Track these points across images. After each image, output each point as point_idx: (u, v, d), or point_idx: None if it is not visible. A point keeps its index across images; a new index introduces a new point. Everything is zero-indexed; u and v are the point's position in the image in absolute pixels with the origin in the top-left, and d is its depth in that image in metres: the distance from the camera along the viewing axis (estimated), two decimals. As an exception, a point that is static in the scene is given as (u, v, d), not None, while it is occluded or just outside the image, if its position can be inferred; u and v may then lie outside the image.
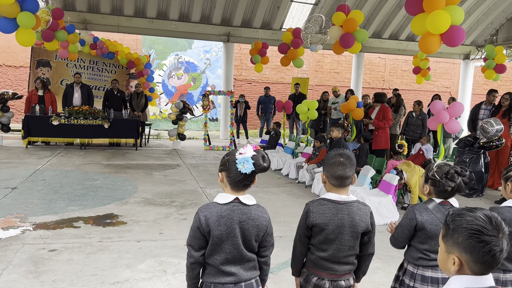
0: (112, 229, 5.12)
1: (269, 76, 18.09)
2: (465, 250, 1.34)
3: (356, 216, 2.29)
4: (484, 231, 1.32)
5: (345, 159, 2.30)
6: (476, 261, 1.33)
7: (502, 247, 1.32)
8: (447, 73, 20.34)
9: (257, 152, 2.04)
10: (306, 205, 2.36)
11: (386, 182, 6.29)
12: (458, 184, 2.37)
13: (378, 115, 8.21)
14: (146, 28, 13.27)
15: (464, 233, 1.35)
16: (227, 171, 2.07)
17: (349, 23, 7.38)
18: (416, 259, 2.46)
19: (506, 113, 7.98)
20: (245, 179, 2.05)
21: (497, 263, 1.33)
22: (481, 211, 1.38)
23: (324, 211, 2.28)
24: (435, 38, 5.72)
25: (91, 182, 7.43)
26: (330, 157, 2.35)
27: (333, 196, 2.30)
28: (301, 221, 2.37)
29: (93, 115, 10.76)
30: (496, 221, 1.35)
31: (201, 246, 2.08)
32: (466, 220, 1.36)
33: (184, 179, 8.00)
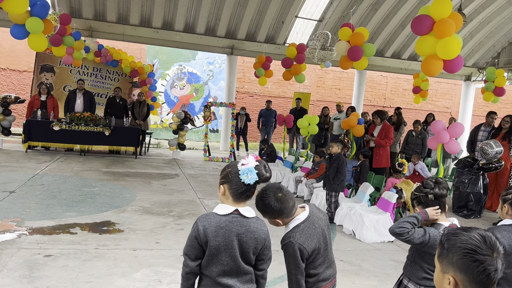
0: (109, 236, 5.10)
1: (271, 90, 18.18)
2: (460, 269, 1.34)
3: (322, 222, 2.35)
4: (478, 250, 1.32)
5: (284, 195, 2.23)
6: (471, 281, 1.33)
7: (497, 267, 1.32)
8: (448, 93, 20.44)
9: (259, 163, 2.05)
10: (290, 244, 2.19)
11: (384, 200, 6.28)
12: (436, 191, 2.49)
13: (381, 133, 8.23)
14: (151, 37, 13.37)
15: (458, 252, 1.35)
16: (229, 183, 2.07)
17: (356, 36, 7.45)
18: (419, 279, 2.47)
19: (507, 136, 8.01)
20: (248, 190, 2.06)
21: (492, 283, 1.33)
22: (476, 231, 1.38)
23: (309, 232, 2.22)
24: (439, 62, 5.80)
25: (89, 188, 7.41)
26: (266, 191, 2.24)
27: (302, 216, 2.28)
28: (295, 261, 2.18)
29: (95, 122, 10.78)
30: (491, 240, 1.35)
31: (198, 256, 2.07)
32: (461, 240, 1.36)
33: (182, 189, 7.98)
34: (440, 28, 5.70)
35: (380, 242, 5.83)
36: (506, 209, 2.54)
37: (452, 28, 5.65)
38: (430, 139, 6.49)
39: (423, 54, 6.10)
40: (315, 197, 7.35)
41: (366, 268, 4.81)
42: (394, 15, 13.56)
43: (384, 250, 5.54)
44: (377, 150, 8.15)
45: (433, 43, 5.83)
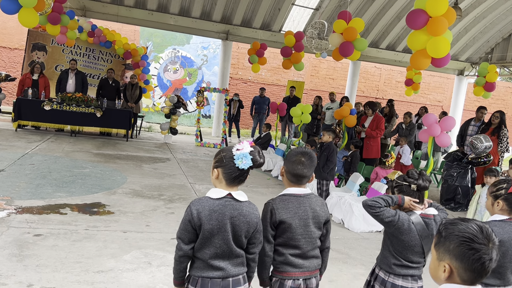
0: (99, 218, 5.10)
1: (265, 77, 18.13)
2: (456, 257, 1.38)
3: (317, 207, 2.37)
4: (475, 239, 1.37)
5: (306, 159, 2.34)
6: (466, 269, 1.37)
7: (492, 256, 1.37)
8: (440, 87, 20.56)
9: (254, 148, 2.08)
10: (267, 204, 2.34)
11: (374, 190, 6.34)
12: (420, 182, 2.53)
13: (372, 124, 8.28)
14: (145, 19, 13.22)
15: (455, 240, 1.39)
16: (223, 167, 2.10)
17: (349, 31, 7.44)
18: (389, 266, 2.52)
19: (496, 131, 8.10)
20: (241, 175, 2.10)
21: (486, 272, 1.37)
22: (474, 222, 1.43)
23: (288, 205, 2.31)
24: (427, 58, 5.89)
25: (79, 170, 7.39)
26: (292, 154, 2.39)
27: (294, 190, 2.36)
28: (264, 221, 2.29)
29: (86, 103, 10.69)
30: (487, 231, 1.40)
31: (191, 239, 2.10)
32: (458, 228, 1.40)
33: (173, 173, 7.99)
34: (433, 26, 5.74)
35: (368, 231, 5.92)
36: (501, 205, 2.55)
37: (445, 27, 5.70)
38: (421, 132, 6.55)
39: (414, 48, 6.15)
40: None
41: (354, 257, 4.88)
42: (390, 6, 13.53)
43: (372, 240, 5.62)
44: (368, 141, 8.21)
45: (425, 40, 5.88)
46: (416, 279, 2.50)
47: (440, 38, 5.81)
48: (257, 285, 3.80)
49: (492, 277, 2.52)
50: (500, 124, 8.13)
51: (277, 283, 2.34)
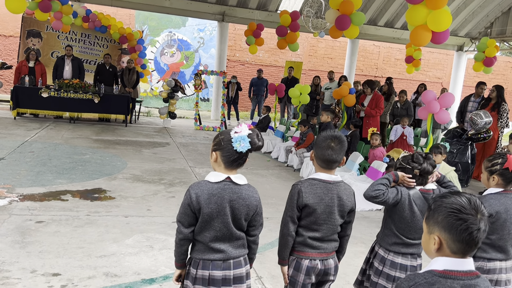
0: (100, 203, 5.13)
1: (263, 59, 17.99)
2: (444, 228, 1.40)
3: (344, 196, 2.33)
4: (462, 209, 1.38)
5: (336, 144, 2.29)
6: (455, 240, 1.39)
7: (480, 226, 1.37)
8: (440, 63, 20.41)
9: (252, 131, 2.07)
10: (295, 186, 2.32)
11: (373, 169, 6.36)
12: (424, 167, 2.50)
13: (371, 103, 8.24)
14: (140, 3, 13.04)
15: (443, 212, 1.41)
16: (222, 150, 2.09)
17: (345, 5, 7.32)
18: (389, 244, 2.53)
19: (496, 106, 8.08)
20: (240, 158, 2.08)
21: (474, 242, 1.38)
22: (463, 195, 1.44)
23: (316, 190, 2.28)
24: (427, 33, 5.79)
25: (79, 156, 7.39)
26: (322, 140, 2.33)
27: (324, 176, 2.32)
28: (291, 202, 2.30)
29: (84, 89, 10.64)
30: (475, 202, 1.41)
31: (191, 223, 2.11)
32: (447, 201, 1.42)
33: (173, 158, 7.99)
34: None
35: (369, 210, 5.95)
36: (496, 180, 2.57)
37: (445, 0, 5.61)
38: (420, 109, 6.53)
39: (413, 24, 6.04)
40: (305, 166, 7.41)
41: (354, 235, 4.89)
42: (388, -18, 13.35)
43: (372, 218, 5.65)
44: (367, 120, 8.19)
45: (425, 14, 5.78)
46: (416, 257, 2.52)
47: (441, 11, 5.71)
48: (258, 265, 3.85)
49: (493, 251, 2.55)
50: (499, 99, 8.10)
51: (293, 261, 2.35)
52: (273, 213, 5.29)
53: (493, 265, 2.55)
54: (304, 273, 2.31)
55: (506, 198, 2.54)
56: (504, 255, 2.57)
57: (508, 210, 2.53)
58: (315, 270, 2.32)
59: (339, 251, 2.48)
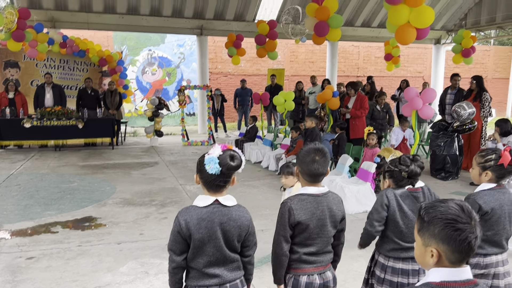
0: (91, 232, 5.04)
1: (245, 68, 18.01)
2: (442, 240, 1.36)
3: (334, 206, 2.30)
4: (458, 219, 1.35)
5: (321, 157, 2.26)
6: (454, 250, 1.35)
7: (476, 234, 1.35)
8: (419, 58, 20.61)
9: (224, 152, 2.01)
10: (285, 204, 2.26)
11: (364, 170, 6.36)
12: (412, 169, 2.48)
13: (356, 104, 8.27)
14: (117, 24, 13.00)
15: (439, 224, 1.36)
16: (200, 173, 2.07)
17: (321, 11, 7.37)
18: (388, 251, 2.50)
19: (477, 96, 8.16)
20: (217, 180, 2.03)
21: (472, 251, 1.36)
22: (452, 201, 1.40)
23: (306, 206, 2.24)
24: (412, 30, 5.85)
25: (67, 184, 7.28)
26: (305, 154, 2.29)
27: (312, 190, 2.28)
28: (282, 221, 2.24)
29: (67, 116, 10.53)
30: (468, 209, 1.38)
31: (183, 250, 2.06)
32: (440, 211, 1.38)
33: (163, 177, 7.92)
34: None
35: (363, 212, 5.93)
36: (489, 175, 2.55)
37: None
38: (404, 106, 6.56)
39: (397, 24, 6.08)
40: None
41: (350, 239, 4.84)
42: (361, -17, 13.49)
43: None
44: (353, 121, 8.20)
45: (407, 13, 5.84)
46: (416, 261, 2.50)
47: (423, 8, 5.82)
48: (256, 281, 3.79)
49: (489, 246, 2.55)
50: (480, 89, 8.18)
51: (291, 279, 2.30)
52: (267, 225, 5.24)
53: (490, 260, 2.55)
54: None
55: (499, 194, 2.54)
56: (499, 249, 2.57)
57: (502, 206, 2.53)
58: (314, 286, 2.28)
59: (334, 260, 2.44)
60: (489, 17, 14.55)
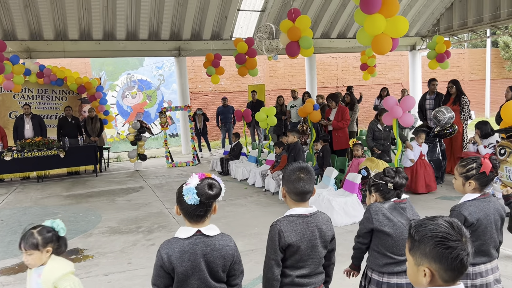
0: (78, 265, 4.92)
1: (225, 86, 18.07)
2: (434, 259, 1.34)
3: (323, 226, 2.28)
4: (448, 237, 1.33)
5: (306, 174, 2.24)
6: (446, 269, 1.33)
7: (468, 251, 1.33)
8: (396, 65, 20.97)
9: (202, 181, 1.98)
10: (274, 227, 2.21)
11: (349, 182, 6.37)
12: (397, 180, 2.49)
13: (337, 115, 8.33)
14: (94, 50, 12.95)
15: (430, 242, 1.35)
16: (179, 203, 2.03)
17: (292, 31, 7.46)
18: (381, 266, 2.48)
19: (456, 100, 8.30)
20: (197, 210, 1.99)
21: (465, 268, 1.34)
22: (442, 218, 1.39)
23: (296, 227, 2.20)
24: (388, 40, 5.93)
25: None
26: (291, 173, 2.27)
27: (301, 211, 2.25)
28: (273, 244, 2.19)
29: (47, 146, 10.38)
30: (458, 225, 1.36)
31: (167, 284, 2.02)
32: (430, 229, 1.36)
33: (149, 202, 7.82)
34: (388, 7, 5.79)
35: (351, 223, 5.92)
36: (473, 185, 2.53)
37: (397, 6, 5.79)
38: (384, 115, 6.63)
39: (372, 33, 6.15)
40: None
41: (341, 253, 4.83)
42: (334, -4, 13.71)
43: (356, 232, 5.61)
44: (336, 132, 8.26)
45: (383, 23, 5.93)
46: None
47: (398, 18, 5.93)
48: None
49: (477, 256, 2.53)
50: (458, 92, 8.32)
51: None
52: (257, 244, 5.19)
53: (479, 269, 2.54)
54: None
55: (484, 203, 2.53)
56: (487, 258, 2.56)
57: (488, 215, 2.51)
58: None
59: (326, 281, 2.41)
60: (461, 21, 14.92)
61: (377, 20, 5.92)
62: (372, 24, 5.95)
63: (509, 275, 3.94)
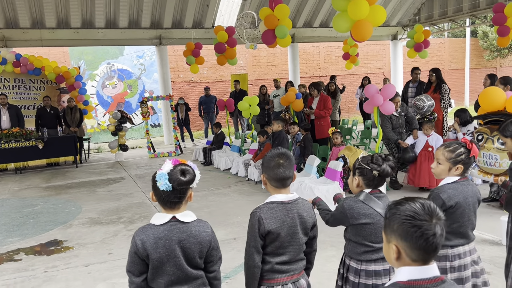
0: (57, 256, 4.85)
1: (208, 75, 17.92)
2: (401, 236, 1.37)
3: (304, 213, 2.26)
4: (415, 216, 1.35)
5: (284, 160, 2.23)
6: (412, 247, 1.35)
7: (435, 231, 1.34)
8: (378, 54, 21.07)
9: (174, 167, 1.95)
10: (254, 214, 2.20)
11: (331, 170, 6.40)
12: (384, 168, 2.44)
13: (319, 104, 8.34)
14: (72, 39, 12.67)
15: (397, 220, 1.38)
16: (154, 189, 2.01)
17: (269, 19, 7.41)
18: (359, 254, 2.47)
19: (437, 88, 8.37)
20: (170, 196, 1.96)
21: (432, 248, 1.35)
22: (418, 200, 1.40)
23: (276, 214, 2.19)
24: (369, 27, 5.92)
25: (30, 208, 7.01)
26: (270, 159, 2.26)
27: (281, 197, 2.24)
28: (253, 231, 2.19)
29: (25, 136, 10.16)
30: (430, 207, 1.37)
31: (142, 271, 2.00)
32: (401, 208, 1.39)
33: (130, 192, 7.74)
34: None
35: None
36: (460, 169, 2.54)
37: None
38: (365, 103, 6.64)
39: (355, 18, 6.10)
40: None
41: (323, 240, 4.88)
42: (316, -16, 13.65)
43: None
44: (318, 121, 8.27)
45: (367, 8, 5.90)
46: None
47: (377, 7, 5.92)
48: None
49: (455, 238, 2.57)
50: (439, 81, 8.40)
51: None
52: (240, 232, 5.18)
53: (457, 251, 2.57)
54: None
55: (463, 186, 2.55)
56: (465, 240, 2.60)
57: (467, 198, 2.55)
58: None
59: (307, 267, 2.41)
60: (441, 10, 15.03)
61: (360, 4, 5.90)
62: (355, 8, 5.92)
63: (486, 258, 4.01)
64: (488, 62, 23.41)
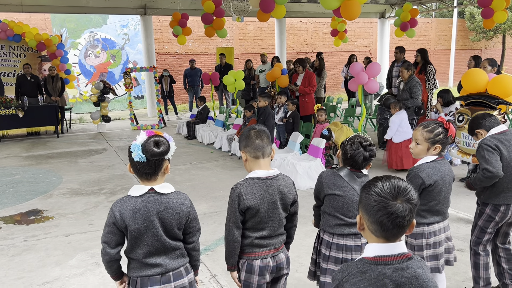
0: (37, 226, 4.83)
1: (193, 48, 17.66)
2: (364, 209, 1.41)
3: (285, 189, 2.28)
4: (379, 193, 1.36)
5: (260, 133, 2.26)
6: (372, 221, 1.38)
7: (394, 210, 1.33)
8: (365, 32, 20.99)
9: (148, 139, 1.94)
10: (234, 189, 2.22)
11: (314, 146, 6.44)
12: (355, 154, 2.43)
13: (304, 81, 8.31)
14: (54, 5, 12.27)
15: (364, 193, 1.42)
16: (130, 160, 2.00)
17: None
18: (331, 227, 2.52)
19: (422, 69, 8.40)
20: (145, 168, 1.96)
21: (389, 226, 1.35)
22: (393, 179, 1.40)
23: (256, 190, 2.21)
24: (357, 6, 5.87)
25: (9, 177, 6.92)
26: (243, 135, 2.30)
27: (261, 173, 2.25)
28: (232, 207, 2.20)
29: (5, 105, 9.94)
30: (399, 187, 1.37)
31: (118, 242, 2.01)
32: (372, 183, 1.41)
33: (112, 164, 7.69)
34: None
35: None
36: (438, 149, 2.59)
37: None
38: (350, 81, 6.66)
39: None
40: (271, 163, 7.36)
41: (303, 215, 4.95)
42: (305, -42, 13.42)
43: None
44: (303, 98, 8.26)
45: None
46: (359, 237, 2.51)
47: None
48: (210, 264, 3.78)
49: (431, 216, 2.64)
50: (424, 62, 8.42)
51: (244, 264, 2.27)
52: (221, 206, 5.22)
53: (433, 228, 2.65)
54: (258, 274, 2.26)
55: (440, 165, 2.62)
56: (441, 217, 2.67)
57: (444, 177, 2.62)
58: (268, 268, 2.28)
59: (287, 241, 2.45)
60: (430, -11, 14.96)
61: None
62: None
63: (461, 236, 4.13)
64: (473, 43, 23.55)
